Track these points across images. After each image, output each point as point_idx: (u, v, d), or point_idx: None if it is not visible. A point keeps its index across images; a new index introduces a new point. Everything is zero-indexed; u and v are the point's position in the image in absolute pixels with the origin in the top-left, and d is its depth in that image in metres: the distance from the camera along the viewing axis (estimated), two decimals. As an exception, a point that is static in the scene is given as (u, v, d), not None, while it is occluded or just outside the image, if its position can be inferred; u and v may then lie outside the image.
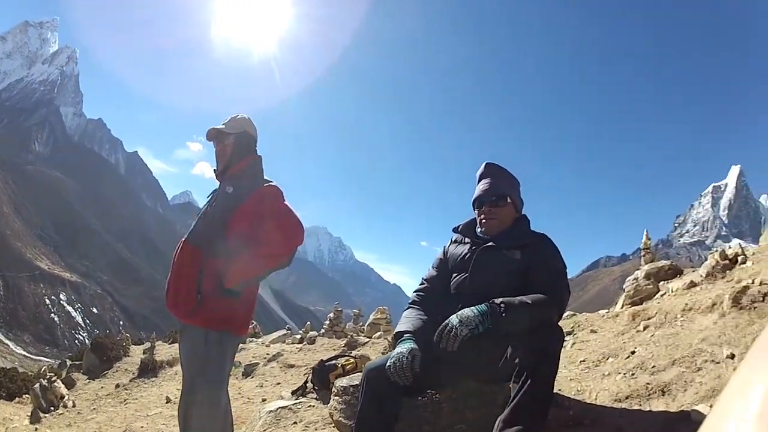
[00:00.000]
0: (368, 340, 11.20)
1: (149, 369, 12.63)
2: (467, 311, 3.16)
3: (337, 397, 4.19)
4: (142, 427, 7.68)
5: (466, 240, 3.82)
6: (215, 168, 4.39)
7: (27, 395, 13.44)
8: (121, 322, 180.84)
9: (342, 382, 4.26)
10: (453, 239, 3.96)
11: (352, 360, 6.33)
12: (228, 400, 4.27)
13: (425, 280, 3.91)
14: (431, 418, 3.62)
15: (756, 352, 0.60)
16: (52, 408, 10.63)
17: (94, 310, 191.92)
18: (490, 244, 3.64)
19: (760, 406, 0.54)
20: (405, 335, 3.43)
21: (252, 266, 3.91)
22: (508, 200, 3.72)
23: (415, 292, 3.90)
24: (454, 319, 3.14)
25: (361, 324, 14.04)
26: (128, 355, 14.80)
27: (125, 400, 10.78)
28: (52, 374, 12.19)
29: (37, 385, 11.30)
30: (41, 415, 10.15)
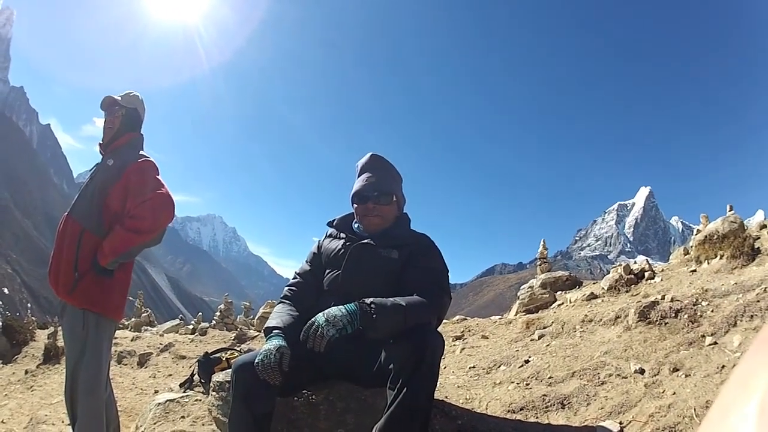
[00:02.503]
0: (258, 333, 11.32)
1: (52, 355, 12.35)
2: (335, 310, 3.03)
3: (214, 393, 4.10)
4: (46, 415, 7.54)
5: (342, 235, 3.71)
6: (100, 141, 4.38)
7: None
8: (29, 305, 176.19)
9: (218, 377, 4.17)
10: (328, 233, 3.85)
11: (237, 354, 6.03)
12: (111, 389, 4.30)
13: (298, 274, 3.79)
14: (309, 420, 3.51)
15: (757, 346, 0.59)
16: None
17: (5, 290, 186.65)
18: (366, 241, 3.53)
19: (761, 400, 0.54)
20: (274, 331, 3.30)
21: (124, 242, 3.85)
22: (393, 198, 3.62)
23: (287, 286, 3.77)
24: (320, 317, 3.01)
25: (251, 317, 14.23)
26: (34, 340, 14.48)
27: (31, 387, 10.63)
28: None
29: None
30: None
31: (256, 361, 3.06)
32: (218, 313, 13.83)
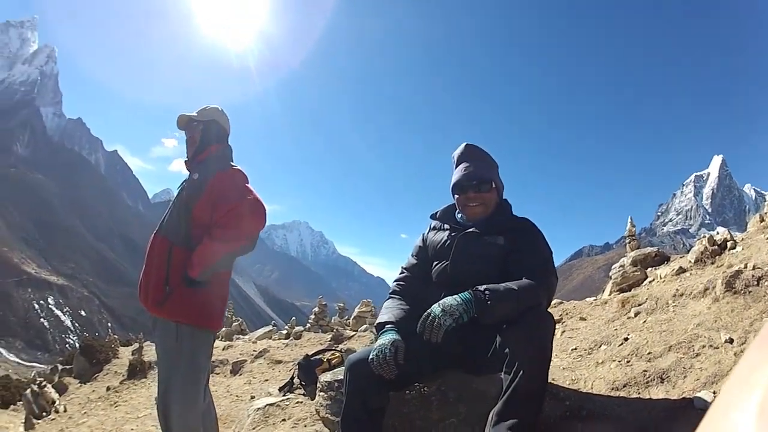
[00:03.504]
0: (354, 333, 11.17)
1: (138, 370, 12.43)
2: (450, 300, 3.01)
3: (322, 393, 4.09)
4: (132, 429, 7.60)
5: (445, 226, 3.69)
6: (185, 158, 4.35)
7: (21, 402, 13.51)
8: (110, 324, 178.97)
9: (326, 377, 4.16)
10: (432, 226, 3.84)
11: (337, 354, 6.25)
12: (210, 398, 4.25)
13: (405, 269, 3.80)
14: (421, 413, 3.48)
15: (758, 344, 0.59)
16: (44, 414, 10.70)
17: (82, 312, 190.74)
18: (471, 230, 3.52)
19: (762, 397, 0.54)
20: (387, 326, 3.32)
21: (211, 252, 3.85)
22: (492, 185, 3.57)
23: (395, 281, 3.79)
24: (436, 308, 2.99)
25: (346, 318, 13.99)
26: (117, 357, 14.70)
27: (115, 403, 10.59)
28: (42, 380, 12.32)
29: (28, 391, 11.43)
30: (34, 421, 10.12)
31: (371, 356, 3.07)
32: (312, 316, 13.81)
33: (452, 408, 3.47)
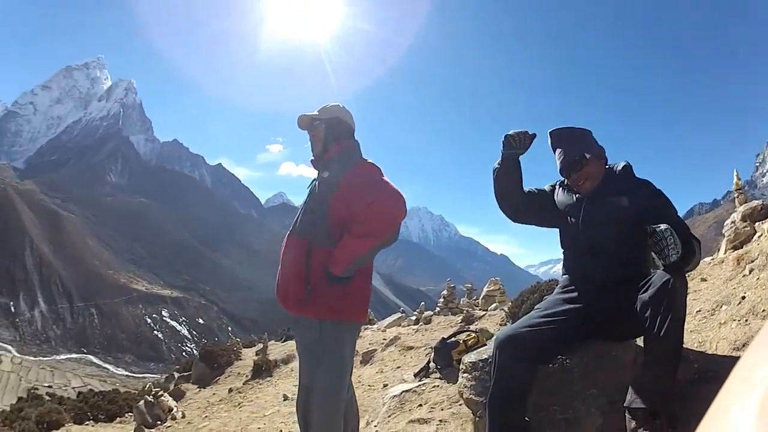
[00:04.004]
0: (484, 313, 11.05)
1: (264, 369, 12.67)
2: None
3: (466, 374, 4.06)
4: (258, 428, 7.68)
5: (573, 190, 3.73)
6: (312, 157, 4.27)
7: (130, 414, 13.93)
8: (230, 328, 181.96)
9: (470, 357, 4.13)
10: (560, 182, 3.88)
11: (473, 335, 6.23)
12: (353, 391, 4.27)
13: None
14: (563, 386, 3.51)
15: (759, 341, 0.60)
16: (158, 422, 10.78)
17: (200, 320, 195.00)
18: (591, 197, 3.59)
19: (762, 396, 0.54)
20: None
21: (355, 248, 3.77)
22: (586, 156, 3.58)
23: None
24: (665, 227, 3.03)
25: (474, 298, 13.74)
26: (240, 359, 14.98)
27: (240, 404, 10.79)
28: (158, 389, 12.34)
29: (142, 402, 11.44)
30: (146, 430, 10.33)
31: (507, 134, 3.50)
32: (441, 300, 13.63)
33: (592, 378, 3.51)
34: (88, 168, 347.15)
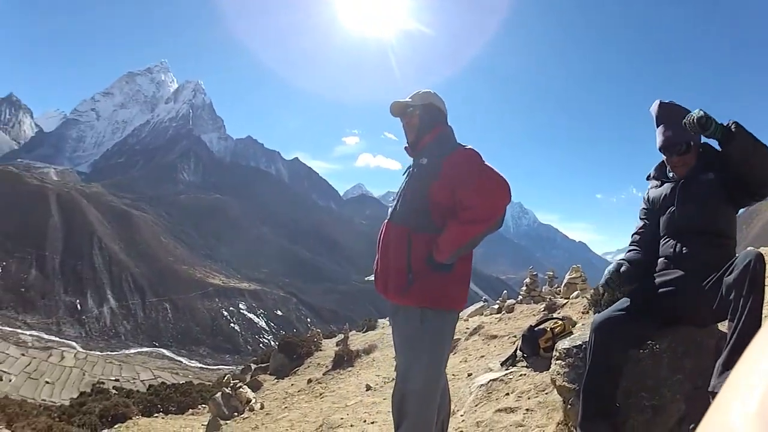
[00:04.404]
0: (566, 300, 10.80)
1: (345, 360, 12.61)
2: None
3: (559, 361, 4.03)
4: (341, 418, 7.46)
5: (662, 181, 3.79)
6: (406, 144, 4.22)
7: (203, 405, 14.00)
8: (309, 320, 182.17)
9: (564, 344, 4.10)
10: (650, 186, 3.92)
11: (560, 322, 6.15)
12: (446, 380, 4.17)
13: (635, 233, 3.92)
14: (652, 371, 3.51)
15: (760, 343, 0.60)
16: (235, 414, 10.80)
17: (279, 312, 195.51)
18: (682, 180, 3.64)
19: (762, 396, 0.54)
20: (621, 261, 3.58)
21: (462, 234, 3.68)
22: (691, 144, 3.62)
23: (630, 244, 3.90)
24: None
25: (556, 286, 13.58)
26: (321, 350, 14.96)
27: (321, 394, 10.70)
28: (237, 380, 12.40)
29: (219, 394, 11.55)
30: (221, 422, 10.23)
31: (604, 277, 3.47)
32: (524, 288, 13.51)
33: (679, 363, 3.50)
34: (159, 168, 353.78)
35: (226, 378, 13.41)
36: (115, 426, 12.05)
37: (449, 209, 3.74)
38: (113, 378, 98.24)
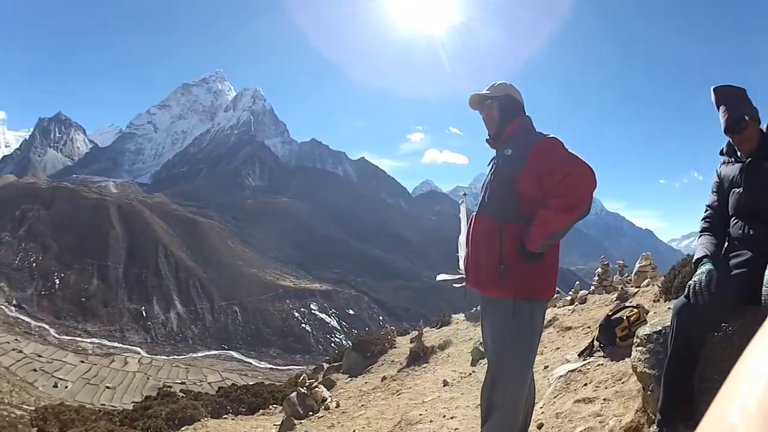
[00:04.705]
0: (637, 289, 10.72)
1: (420, 356, 12.55)
2: None
3: (640, 347, 3.99)
4: (420, 414, 7.38)
5: (732, 159, 3.82)
6: (487, 136, 4.26)
7: (274, 405, 14.04)
8: (381, 318, 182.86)
9: (644, 330, 4.04)
10: (722, 161, 3.93)
11: (635, 311, 6.06)
12: (532, 374, 4.16)
13: (708, 206, 3.94)
14: (725, 354, 3.49)
15: (760, 339, 0.60)
16: (310, 413, 10.73)
17: (350, 311, 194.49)
18: (749, 160, 3.66)
19: (761, 395, 0.54)
20: (703, 259, 3.51)
21: (554, 223, 3.71)
22: (746, 119, 3.61)
23: (702, 220, 3.93)
24: None
25: (627, 275, 13.45)
26: (395, 347, 14.94)
27: (398, 391, 10.65)
28: (313, 381, 12.32)
29: (294, 393, 11.42)
30: (295, 422, 10.15)
31: (688, 284, 3.33)
32: (596, 278, 13.40)
33: (746, 345, 3.44)
34: (223, 175, 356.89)
35: (301, 378, 13.48)
36: (182, 429, 12.30)
37: (537, 199, 3.78)
38: (179, 381, 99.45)
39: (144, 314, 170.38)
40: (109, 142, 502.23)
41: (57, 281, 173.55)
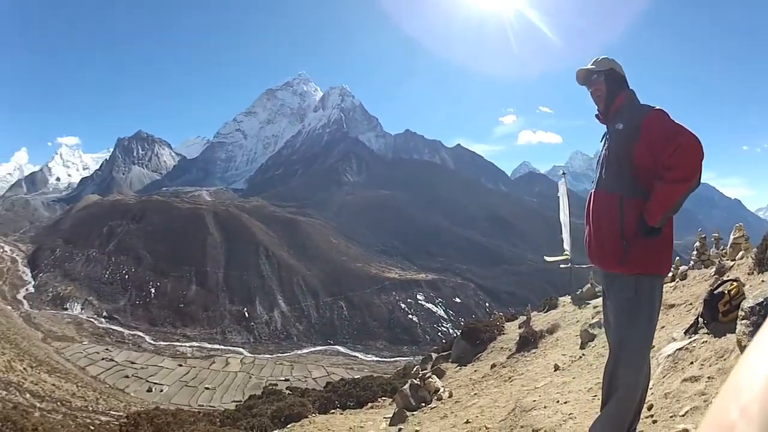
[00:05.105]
0: (733, 262, 10.45)
1: (530, 341, 12.40)
2: None
3: (744, 321, 4.05)
4: (534, 400, 7.25)
5: None
6: (596, 112, 4.30)
7: (383, 398, 14.13)
8: (487, 304, 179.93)
9: (748, 302, 4.08)
10: None
11: (734, 284, 5.97)
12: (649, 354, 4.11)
13: None
14: None
15: (759, 342, 0.61)
16: (422, 404, 10.64)
17: (457, 300, 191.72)
18: None
19: (761, 396, 0.55)
20: None
21: (671, 195, 3.74)
22: None
23: None
24: None
25: (722, 248, 12.99)
26: (503, 333, 14.78)
27: (510, 378, 10.55)
28: (426, 371, 12.19)
29: (407, 385, 11.43)
30: (407, 413, 10.07)
31: None
32: (694, 252, 13.06)
33: None
34: (320, 174, 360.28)
35: (415, 369, 13.55)
36: (288, 426, 12.35)
37: (651, 171, 3.83)
38: (282, 378, 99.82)
39: (246, 315, 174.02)
40: (197, 153, 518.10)
41: (152, 290, 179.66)
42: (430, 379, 11.39)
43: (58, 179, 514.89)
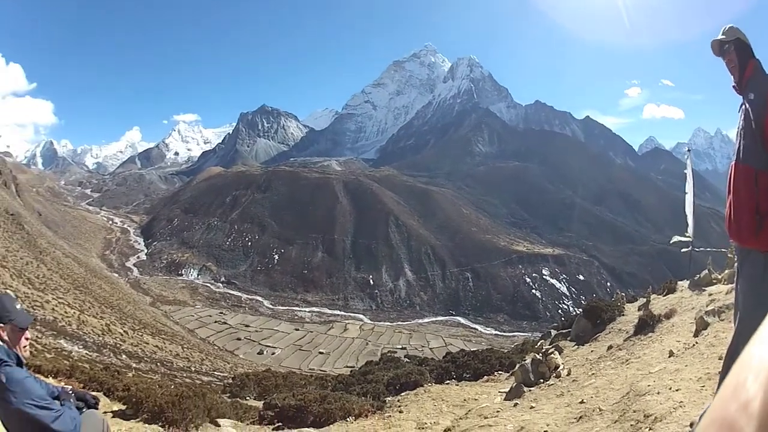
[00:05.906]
0: None
1: (648, 324, 12.03)
2: None
3: None
4: (648, 385, 7.08)
5: None
6: (733, 83, 4.16)
7: (500, 372, 14.23)
8: (608, 284, 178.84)
9: None
10: None
11: None
12: None
13: None
14: None
15: (759, 339, 0.62)
16: (541, 380, 10.50)
17: (580, 277, 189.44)
18: None
19: (762, 392, 0.55)
20: None
21: None
22: None
23: None
24: None
25: None
26: (623, 315, 14.51)
27: (627, 360, 10.15)
28: (549, 347, 12.14)
29: (529, 359, 11.27)
30: (524, 389, 9.99)
31: None
32: None
33: None
34: (452, 144, 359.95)
35: (539, 343, 13.44)
36: (402, 393, 12.49)
37: None
38: (399, 346, 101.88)
39: (371, 282, 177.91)
40: (326, 124, 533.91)
41: (276, 257, 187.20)
42: (551, 355, 11.35)
43: (176, 153, 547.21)
